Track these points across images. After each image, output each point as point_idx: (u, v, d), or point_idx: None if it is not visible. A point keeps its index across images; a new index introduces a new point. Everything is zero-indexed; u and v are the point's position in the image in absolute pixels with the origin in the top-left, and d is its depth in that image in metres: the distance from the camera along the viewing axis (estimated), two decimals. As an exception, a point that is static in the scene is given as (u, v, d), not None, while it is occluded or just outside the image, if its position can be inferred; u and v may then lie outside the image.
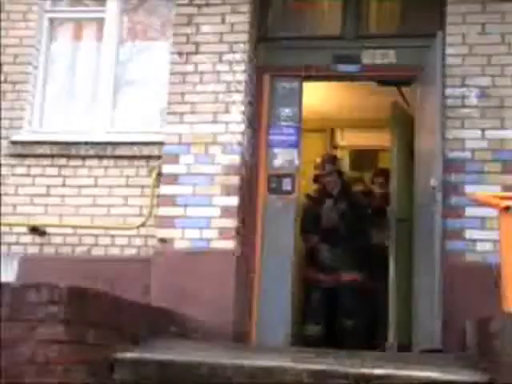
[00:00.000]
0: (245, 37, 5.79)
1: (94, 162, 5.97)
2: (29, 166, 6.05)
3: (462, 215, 5.26)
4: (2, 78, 6.19)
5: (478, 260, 5.19)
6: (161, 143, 5.79)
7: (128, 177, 5.91)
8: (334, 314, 6.44)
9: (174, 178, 5.66)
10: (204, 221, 5.55)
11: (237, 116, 5.68)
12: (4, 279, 5.11)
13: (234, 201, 5.56)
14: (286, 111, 5.93)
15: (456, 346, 4.60)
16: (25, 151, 6.05)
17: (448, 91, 5.42)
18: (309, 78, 6.04)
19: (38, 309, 3.15)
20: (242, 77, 5.74)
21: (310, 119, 6.58)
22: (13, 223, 5.90)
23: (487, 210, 4.70)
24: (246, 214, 5.72)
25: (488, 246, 5.14)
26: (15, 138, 6.09)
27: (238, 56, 5.76)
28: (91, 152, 5.97)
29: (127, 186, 5.90)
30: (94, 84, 6.26)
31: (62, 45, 6.45)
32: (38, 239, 5.91)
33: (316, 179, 7.00)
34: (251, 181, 5.82)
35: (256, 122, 5.92)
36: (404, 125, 6.18)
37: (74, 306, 3.23)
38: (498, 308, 3.79)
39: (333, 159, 7.05)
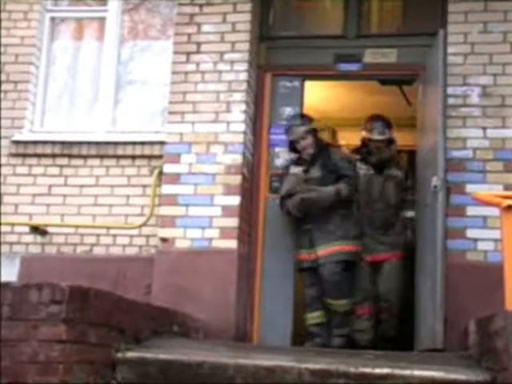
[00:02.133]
0: (246, 36, 5.78)
1: (96, 162, 5.96)
2: (30, 166, 6.05)
3: (464, 214, 5.25)
4: (4, 78, 6.19)
5: (480, 259, 5.19)
6: (162, 142, 5.79)
7: (129, 176, 5.91)
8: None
9: (175, 178, 5.66)
10: (205, 220, 5.54)
11: (238, 115, 5.68)
12: (5, 279, 5.11)
13: (235, 200, 5.55)
14: (288, 110, 5.92)
15: (458, 345, 4.60)
16: (26, 151, 6.05)
17: (449, 90, 5.40)
18: (310, 77, 6.04)
19: (40, 308, 3.15)
20: (243, 76, 5.73)
21: (311, 118, 6.56)
22: (14, 222, 5.91)
23: (489, 209, 4.69)
24: (248, 213, 5.72)
25: (490, 245, 5.14)
26: (17, 137, 6.08)
27: (239, 55, 5.75)
28: (92, 151, 5.96)
29: (129, 185, 5.90)
30: (96, 83, 6.26)
31: (64, 44, 6.44)
32: (39, 239, 5.91)
33: (293, 148, 5.71)
34: (252, 180, 5.81)
35: (257, 121, 5.92)
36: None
37: (76, 306, 3.23)
38: (499, 307, 3.77)
39: (305, 118, 5.70)
